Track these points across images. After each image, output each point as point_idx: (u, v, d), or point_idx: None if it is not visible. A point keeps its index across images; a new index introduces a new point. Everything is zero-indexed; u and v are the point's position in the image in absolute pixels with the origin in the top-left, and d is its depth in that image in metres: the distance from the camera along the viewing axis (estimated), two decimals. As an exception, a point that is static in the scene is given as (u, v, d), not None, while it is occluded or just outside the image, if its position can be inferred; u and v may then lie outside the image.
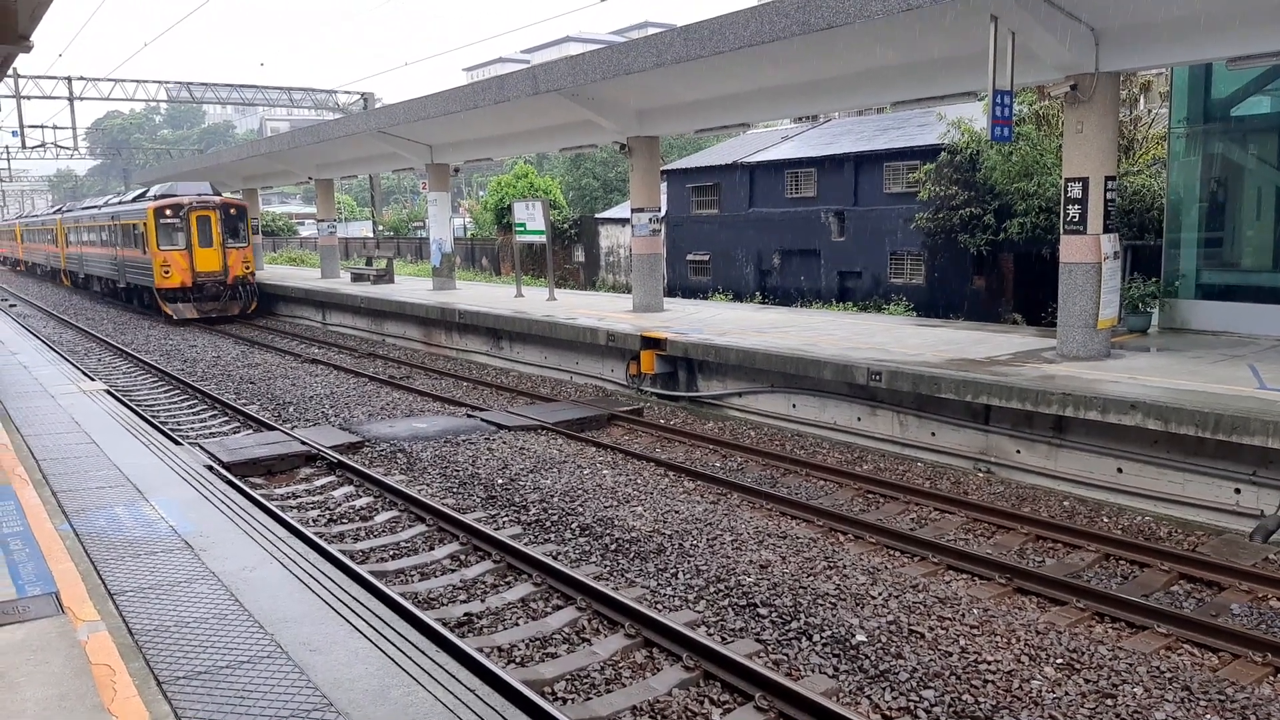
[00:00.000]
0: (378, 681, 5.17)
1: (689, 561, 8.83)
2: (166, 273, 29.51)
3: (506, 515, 10.46)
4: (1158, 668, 6.74)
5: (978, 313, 24.04)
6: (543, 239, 24.98)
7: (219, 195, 31.51)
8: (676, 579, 8.48)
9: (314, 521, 10.33)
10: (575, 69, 18.92)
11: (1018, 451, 11.83)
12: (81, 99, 43.93)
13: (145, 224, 29.80)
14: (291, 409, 16.26)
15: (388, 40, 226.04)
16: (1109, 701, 6.27)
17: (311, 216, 66.74)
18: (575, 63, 19.17)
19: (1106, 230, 13.21)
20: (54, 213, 52.65)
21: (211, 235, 30.12)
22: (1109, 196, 13.20)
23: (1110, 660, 6.82)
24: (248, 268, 30.87)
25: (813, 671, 6.77)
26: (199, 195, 30.71)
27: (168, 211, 29.52)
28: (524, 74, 20.69)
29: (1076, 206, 13.19)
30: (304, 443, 13.09)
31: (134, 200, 33.69)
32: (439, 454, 12.97)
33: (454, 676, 5.23)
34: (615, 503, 10.67)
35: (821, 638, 7.23)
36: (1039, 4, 12.10)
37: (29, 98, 42.46)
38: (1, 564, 6.91)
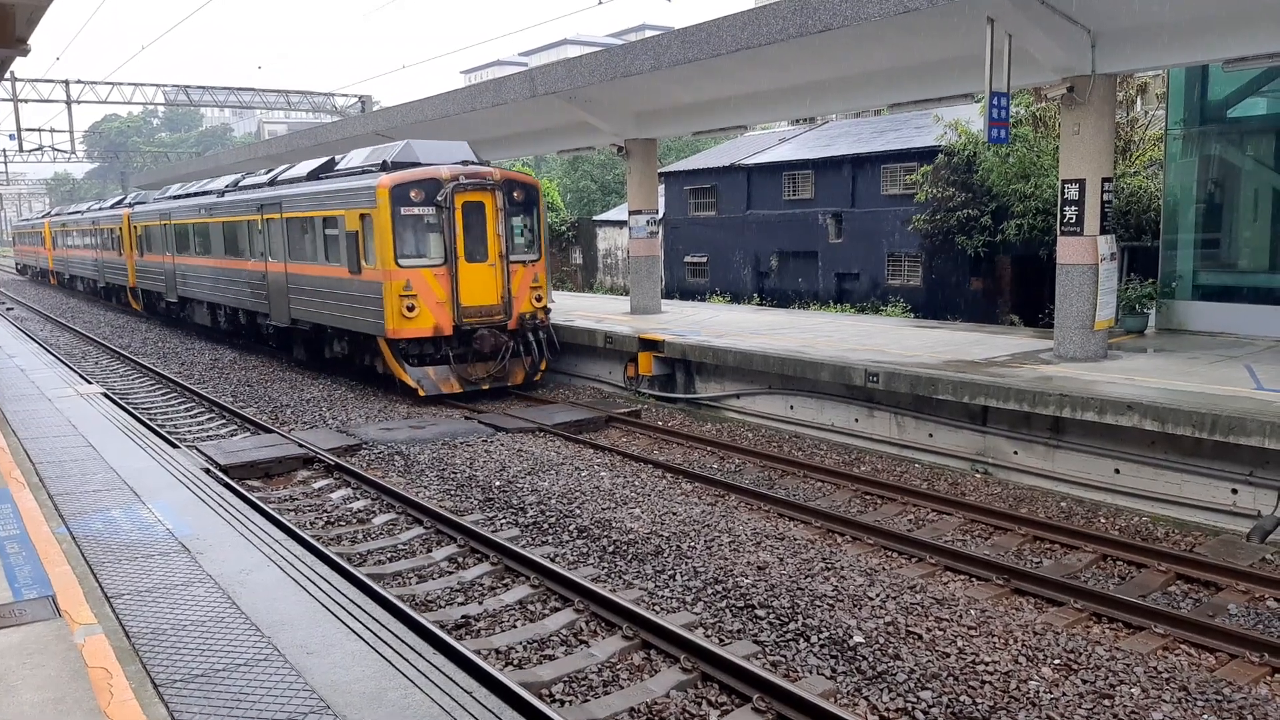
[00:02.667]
0: (374, 684, 5.17)
1: (687, 563, 8.83)
2: (410, 310, 15.73)
3: (504, 517, 10.45)
4: (1155, 668, 6.75)
5: (975, 314, 24.05)
6: None
7: (486, 164, 17.94)
8: (674, 581, 8.48)
9: (311, 524, 10.32)
10: (573, 72, 18.94)
11: (1015, 452, 11.84)
12: (79, 102, 43.83)
13: (372, 216, 16.13)
14: (289, 411, 16.25)
15: (385, 43, 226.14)
16: (1106, 702, 6.27)
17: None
18: (573, 65, 19.19)
19: (1103, 232, 13.23)
20: (114, 205, 37.79)
21: (486, 238, 16.57)
22: (1106, 198, 13.22)
23: (1108, 661, 6.83)
24: (539, 299, 17.23)
25: (811, 673, 6.77)
26: (461, 163, 17.22)
27: (413, 192, 16.00)
28: (521, 77, 20.71)
29: (1073, 208, 13.21)
30: (301, 445, 13.08)
31: (324, 174, 19.48)
32: (436, 456, 12.97)
33: (451, 679, 5.23)
34: (613, 505, 10.66)
35: (819, 639, 7.23)
36: (1036, 6, 12.12)
37: (26, 101, 42.36)
38: (-2, 567, 6.90)
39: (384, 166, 16.95)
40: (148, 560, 7.20)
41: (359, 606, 6.27)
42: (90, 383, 16.99)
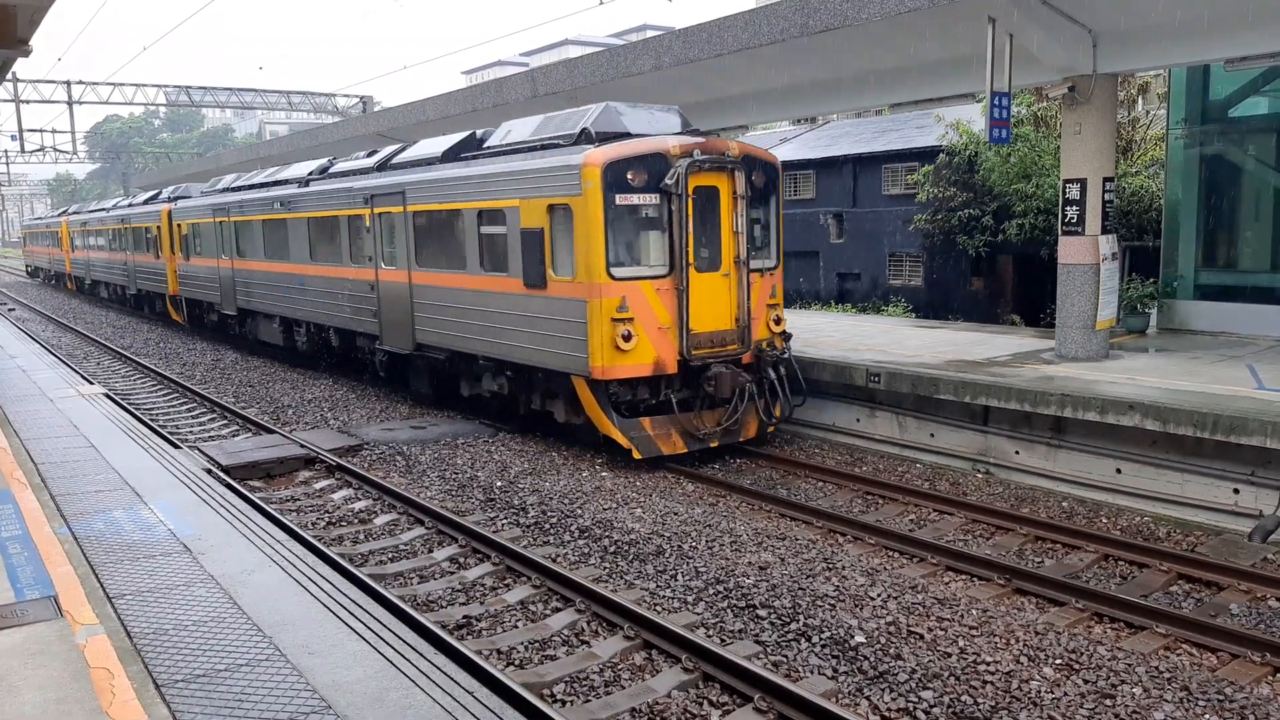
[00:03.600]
0: (376, 684, 5.17)
1: (688, 563, 8.83)
2: (626, 339, 11.67)
3: (506, 518, 10.46)
4: (1157, 668, 6.74)
5: (976, 314, 24.05)
6: None
7: (711, 136, 13.29)
8: (676, 581, 8.48)
9: (313, 525, 10.33)
10: (574, 72, 18.96)
11: (1016, 452, 11.84)
12: (80, 103, 43.83)
13: (572, 207, 11.94)
14: (290, 412, 16.26)
15: (386, 43, 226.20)
16: (1108, 702, 6.27)
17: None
18: (574, 65, 19.20)
19: (1104, 231, 13.23)
20: (148, 200, 32.11)
21: (720, 238, 12.39)
22: (1107, 198, 13.22)
23: (1109, 660, 6.82)
24: (777, 321, 13.04)
25: (812, 673, 6.77)
26: (687, 132, 13.09)
27: (632, 173, 11.74)
28: (523, 77, 20.73)
29: (1075, 208, 13.21)
30: (303, 445, 13.09)
31: (469, 153, 14.84)
32: (438, 456, 12.97)
33: (452, 679, 5.23)
34: (614, 505, 10.67)
35: (821, 639, 7.23)
36: (1037, 6, 12.12)
37: (28, 102, 42.38)
38: (0, 567, 6.91)
39: (581, 138, 12.42)
40: (149, 560, 7.21)
41: (360, 607, 6.28)
42: (92, 383, 17.00)
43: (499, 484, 11.63)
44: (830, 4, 13.43)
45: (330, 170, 19.04)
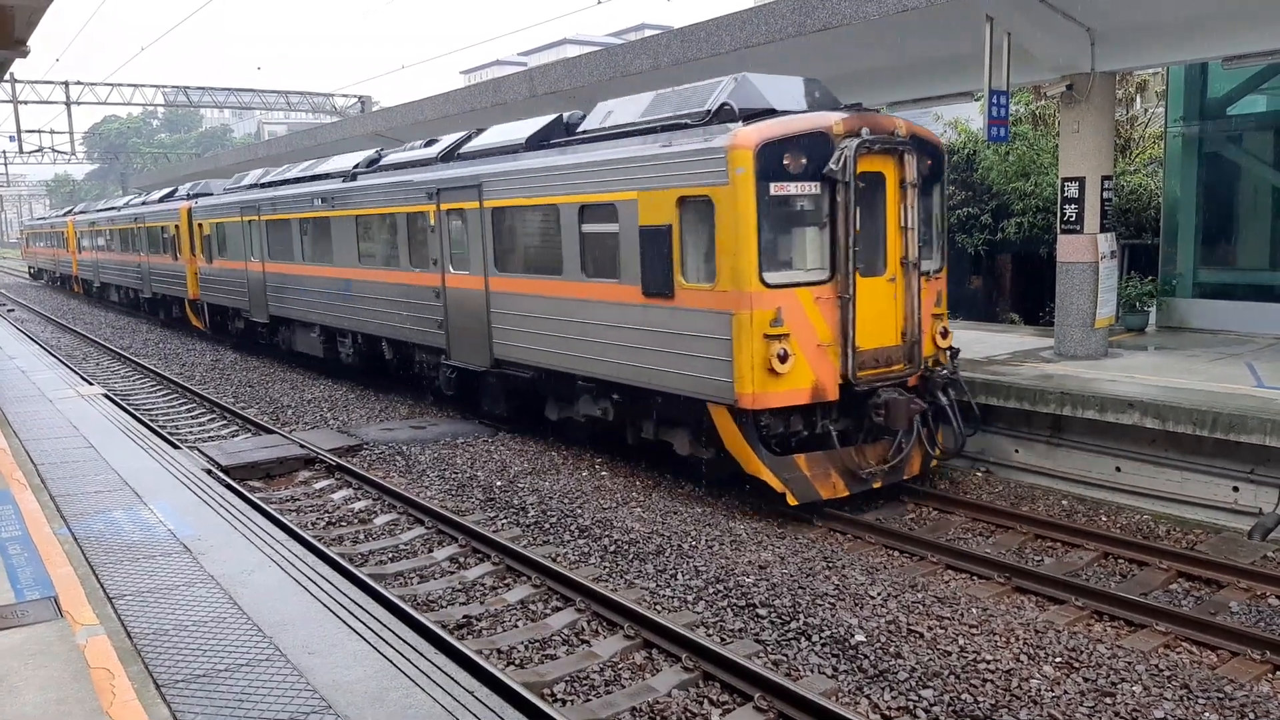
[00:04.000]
0: (376, 684, 5.17)
1: (688, 562, 8.84)
2: (782, 360, 9.62)
3: (506, 517, 10.46)
4: (1157, 666, 6.75)
5: (975, 312, 24.03)
6: None
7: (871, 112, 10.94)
8: (676, 580, 8.48)
9: (313, 525, 10.33)
10: (572, 71, 18.95)
11: (1016, 451, 11.84)
12: (79, 103, 43.86)
13: (712, 198, 9.79)
14: (290, 412, 16.26)
15: (384, 43, 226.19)
16: (1108, 700, 6.28)
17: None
18: (572, 65, 19.20)
19: (1103, 229, 13.23)
20: (164, 198, 29.41)
21: (885, 235, 10.49)
22: (1105, 196, 13.23)
23: (1109, 659, 6.83)
24: (945, 334, 11.15)
25: (812, 671, 6.77)
26: (849, 107, 10.88)
27: (788, 157, 9.69)
28: (521, 76, 20.73)
29: (1073, 206, 13.22)
30: (303, 446, 13.09)
31: (559, 140, 12.81)
32: (438, 456, 12.97)
33: (452, 678, 5.24)
34: (614, 504, 10.67)
35: (821, 638, 7.24)
36: (1035, 5, 12.12)
37: (26, 102, 42.39)
38: (0, 568, 6.91)
39: (718, 116, 10.19)
40: (149, 561, 7.21)
41: (360, 607, 6.28)
42: (91, 384, 17.01)
43: (499, 483, 11.63)
44: (828, 3, 13.44)
45: (381, 162, 16.85)
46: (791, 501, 9.81)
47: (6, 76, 24.47)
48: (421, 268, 14.90)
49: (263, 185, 21.50)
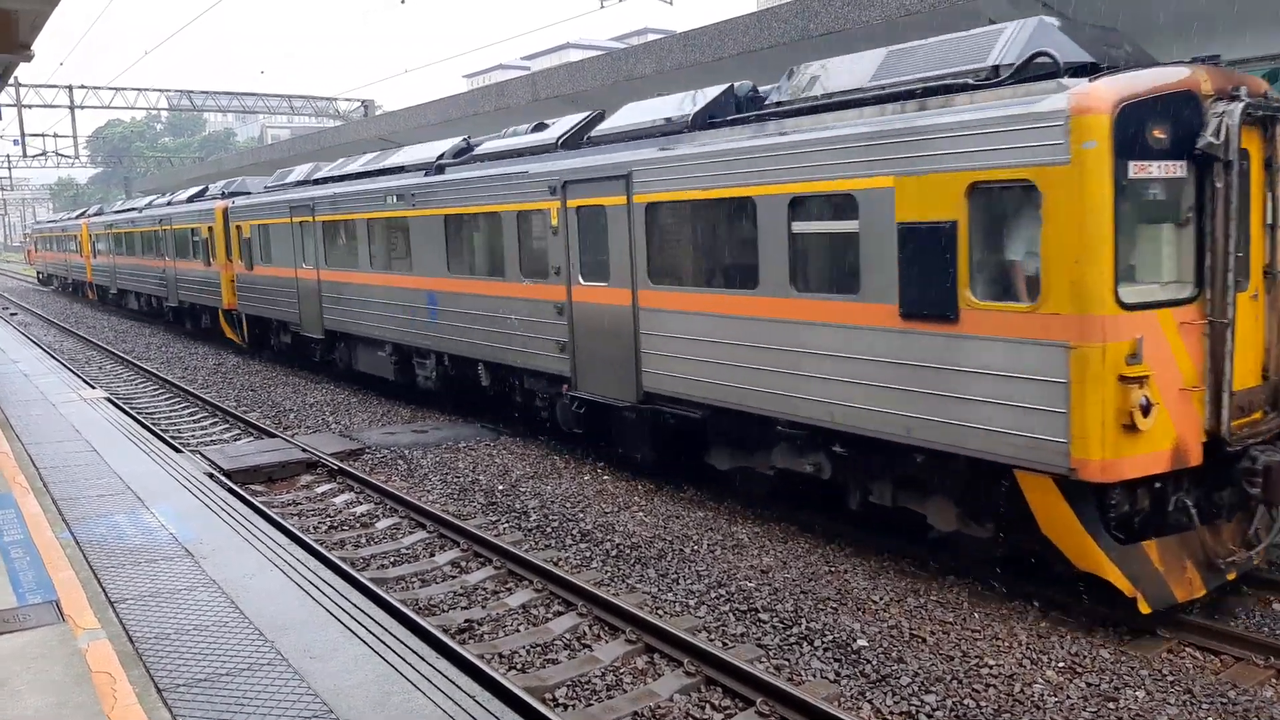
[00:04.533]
0: (378, 688, 5.17)
1: (690, 567, 8.83)
2: (1145, 411, 6.84)
3: (507, 521, 10.45)
4: (1160, 671, 6.73)
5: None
6: None
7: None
8: (678, 584, 8.47)
9: (315, 529, 10.33)
10: (575, 75, 18.98)
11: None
12: (82, 107, 44.00)
13: (1045, 183, 6.98)
14: (292, 416, 16.27)
15: (388, 47, 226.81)
16: (1111, 705, 6.26)
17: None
18: (575, 69, 19.23)
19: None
20: (193, 198, 27.36)
21: (1247, 241, 7.61)
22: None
23: (1112, 664, 6.81)
24: None
25: (814, 676, 6.76)
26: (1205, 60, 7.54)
27: (1153, 127, 6.93)
28: (524, 80, 20.76)
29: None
30: (305, 450, 13.09)
31: (733, 116, 10.31)
32: (440, 460, 12.97)
33: (454, 683, 5.23)
34: (616, 508, 10.66)
35: (823, 643, 7.22)
36: (1035, 7, 12.12)
37: (30, 106, 42.54)
38: (2, 572, 6.92)
39: (1018, 72, 7.64)
40: (151, 565, 7.21)
41: (362, 611, 6.28)
42: (94, 388, 17.03)
43: (501, 488, 11.63)
44: (831, 8, 13.47)
45: (476, 152, 14.35)
46: (1144, 609, 7.17)
47: (10, 80, 24.45)
48: (536, 278, 12.28)
49: (317, 181, 18.94)
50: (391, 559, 9.46)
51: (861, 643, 7.19)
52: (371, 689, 5.16)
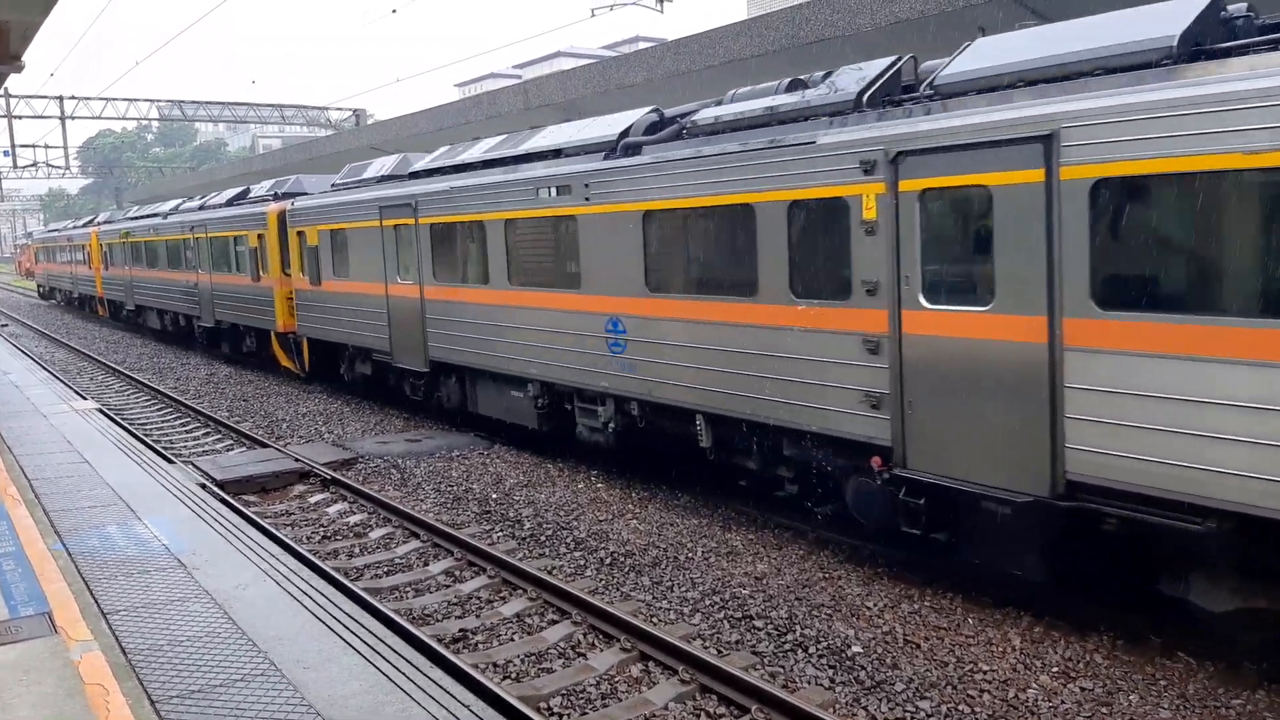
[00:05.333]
0: (371, 698, 5.16)
1: (684, 574, 8.83)
2: None
3: (501, 530, 10.44)
4: (1153, 675, 6.74)
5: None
6: None
7: None
8: (672, 592, 8.47)
9: (308, 539, 10.31)
10: (566, 84, 19.02)
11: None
12: (73, 118, 43.97)
13: None
14: (285, 426, 16.23)
15: (379, 56, 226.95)
16: (1105, 709, 6.27)
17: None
18: (566, 77, 19.28)
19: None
20: (234, 200, 23.57)
21: None
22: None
23: (1107, 668, 6.83)
24: None
25: (809, 683, 6.76)
26: None
27: None
28: (515, 89, 20.80)
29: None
30: (298, 460, 13.06)
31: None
32: (433, 469, 12.96)
33: (448, 692, 5.22)
34: (610, 516, 10.66)
35: (817, 649, 7.23)
36: (1024, 14, 12.19)
37: (20, 117, 42.50)
38: (-7, 585, 6.88)
39: None
40: (144, 576, 7.19)
41: (356, 621, 6.27)
42: (86, 398, 16.98)
43: (494, 496, 11.62)
44: (820, 15, 13.53)
45: (698, 119, 10.29)
46: None
47: (1, 91, 24.13)
48: (824, 298, 8.64)
49: (416, 175, 15.18)
50: (385, 569, 9.44)
51: (856, 649, 7.19)
52: (365, 699, 5.15)
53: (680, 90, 17.37)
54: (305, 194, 19.47)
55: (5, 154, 46.61)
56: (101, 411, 15.12)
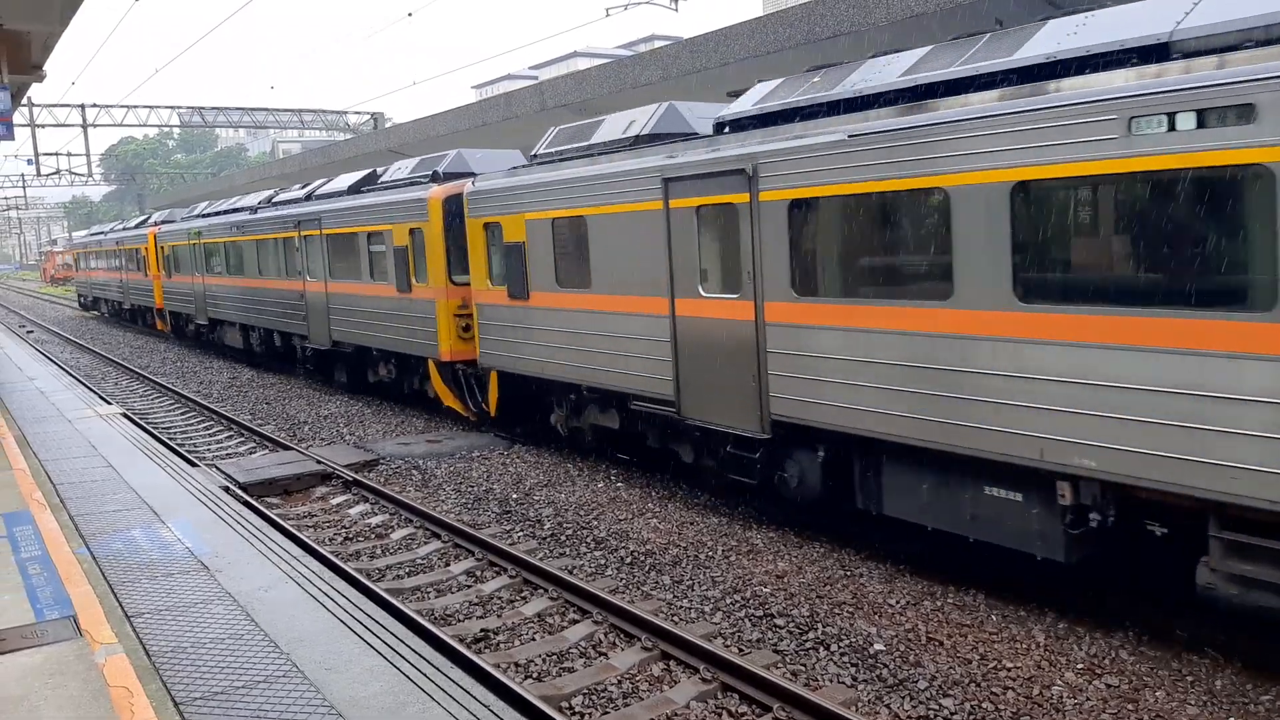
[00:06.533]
0: (393, 699, 5.17)
1: (705, 573, 8.81)
2: None
3: (522, 530, 10.46)
4: (1179, 671, 6.67)
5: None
6: None
7: None
8: (693, 591, 8.45)
9: (330, 540, 10.36)
10: (582, 84, 19.03)
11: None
12: (95, 126, 44.41)
13: None
14: (307, 428, 16.33)
15: (397, 60, 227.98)
16: (1130, 706, 6.21)
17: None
18: (582, 78, 19.28)
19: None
20: (357, 186, 18.33)
21: None
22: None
23: (1132, 664, 6.76)
24: None
25: (831, 681, 6.73)
26: None
27: None
28: (531, 90, 20.83)
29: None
30: (320, 462, 13.14)
31: None
32: (453, 470, 13.00)
33: (469, 693, 5.23)
34: (630, 515, 10.65)
35: (839, 647, 7.19)
36: (1043, 8, 12.10)
37: (43, 126, 42.94)
38: (20, 588, 6.96)
39: None
40: (167, 579, 7.25)
41: (377, 622, 6.29)
42: (110, 403, 17.14)
43: (515, 496, 11.64)
44: (836, 10, 13.47)
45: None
46: None
47: (24, 101, 24.24)
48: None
49: (746, 123, 9.82)
50: (407, 569, 9.47)
51: (878, 646, 7.16)
52: (387, 700, 5.17)
53: (697, 88, 17.33)
54: (474, 174, 14.87)
55: (29, 162, 47.10)
56: (125, 416, 15.26)
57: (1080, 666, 6.76)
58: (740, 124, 9.82)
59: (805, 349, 8.87)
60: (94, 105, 44.01)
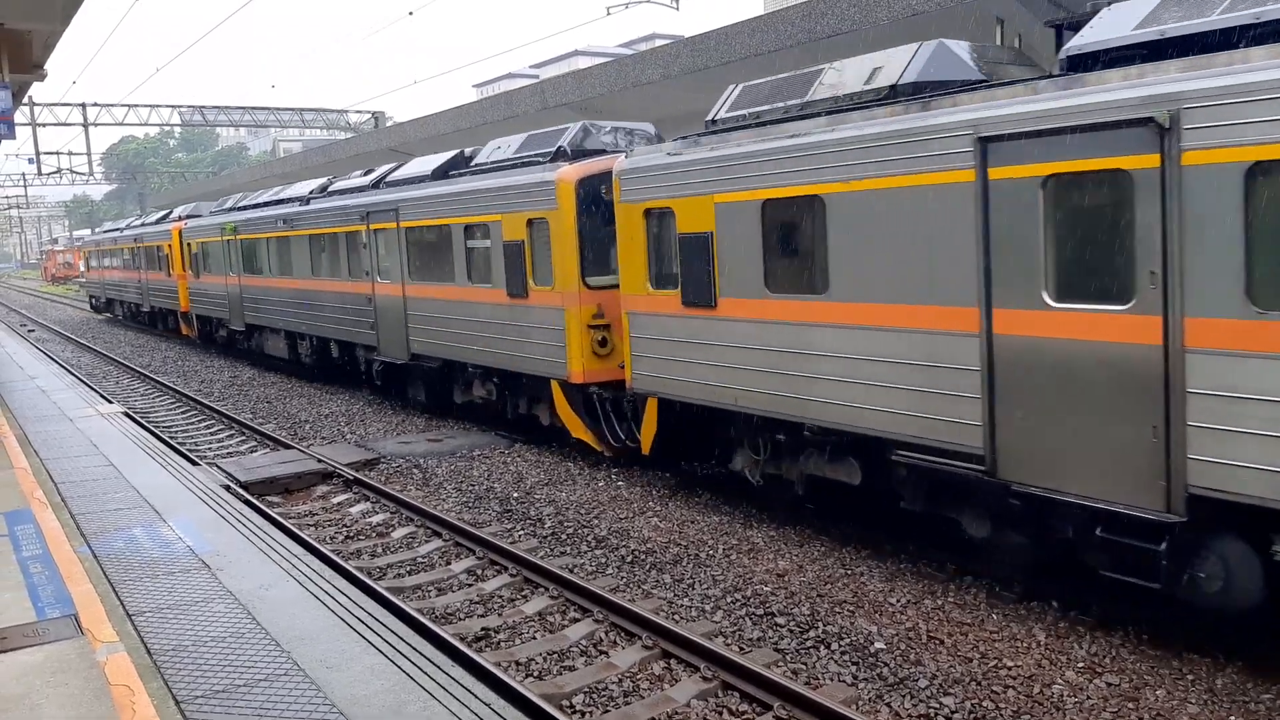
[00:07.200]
0: (394, 697, 5.18)
1: (705, 571, 8.81)
2: None
3: (523, 529, 10.46)
4: (1180, 669, 6.67)
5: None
6: None
7: None
8: (693, 589, 8.46)
9: (331, 539, 10.36)
10: (583, 83, 19.03)
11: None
12: (96, 125, 44.40)
13: None
14: (308, 427, 16.33)
15: (397, 59, 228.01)
16: (1131, 705, 6.21)
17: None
18: (583, 77, 19.28)
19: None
20: (522, 153, 13.55)
21: None
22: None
23: (1133, 663, 6.76)
24: None
25: (831, 680, 6.73)
26: None
27: None
28: (532, 89, 20.83)
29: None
30: (320, 460, 13.14)
31: None
32: (454, 469, 13.00)
33: (470, 691, 5.24)
34: (630, 514, 10.66)
35: (840, 646, 7.19)
36: (1044, 6, 12.09)
37: (44, 125, 42.93)
38: (21, 586, 6.96)
39: None
40: (168, 577, 7.25)
41: (378, 620, 6.30)
42: (111, 402, 17.15)
43: (515, 495, 11.64)
44: (837, 9, 13.47)
45: None
46: None
47: (25, 100, 24.15)
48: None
49: (1156, 45, 6.74)
50: (408, 568, 9.48)
51: (879, 645, 7.16)
52: (388, 698, 5.17)
53: (698, 86, 17.34)
54: (602, 150, 12.78)
55: (30, 161, 47.11)
56: (127, 414, 15.27)
57: (1081, 665, 6.76)
58: (1124, 56, 6.77)
59: (1268, 391, 5.88)
60: (95, 104, 44.02)
